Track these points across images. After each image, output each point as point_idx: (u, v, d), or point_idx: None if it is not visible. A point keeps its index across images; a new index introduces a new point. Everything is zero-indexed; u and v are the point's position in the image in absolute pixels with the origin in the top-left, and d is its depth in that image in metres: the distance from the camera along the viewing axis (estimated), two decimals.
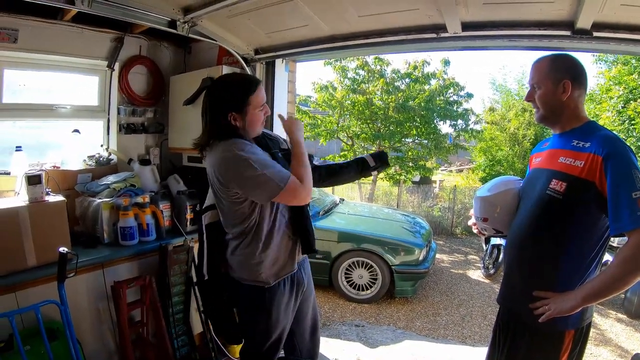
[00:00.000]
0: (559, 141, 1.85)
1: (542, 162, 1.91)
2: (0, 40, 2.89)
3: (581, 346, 1.78)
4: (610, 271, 1.58)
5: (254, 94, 2.06)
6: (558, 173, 1.74)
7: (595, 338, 4.97)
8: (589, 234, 1.69)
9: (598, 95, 10.22)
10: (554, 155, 1.82)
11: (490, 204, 2.04)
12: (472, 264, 8.12)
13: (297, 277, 2.27)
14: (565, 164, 1.73)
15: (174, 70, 3.93)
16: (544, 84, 1.80)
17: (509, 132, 13.21)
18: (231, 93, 2.07)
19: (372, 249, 5.82)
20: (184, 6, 2.73)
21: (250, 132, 2.11)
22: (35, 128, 3.45)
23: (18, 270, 2.44)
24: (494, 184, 2.09)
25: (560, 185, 1.70)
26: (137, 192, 3.16)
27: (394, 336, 4.67)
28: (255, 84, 2.10)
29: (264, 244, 2.11)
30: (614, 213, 1.55)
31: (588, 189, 1.63)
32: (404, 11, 2.41)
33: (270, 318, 2.19)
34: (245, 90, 2.06)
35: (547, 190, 1.75)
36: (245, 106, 2.05)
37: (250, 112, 2.06)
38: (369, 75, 10.67)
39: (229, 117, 2.04)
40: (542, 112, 1.85)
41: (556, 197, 1.71)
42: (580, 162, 1.67)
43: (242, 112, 2.05)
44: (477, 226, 2.16)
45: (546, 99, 1.81)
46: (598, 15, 2.03)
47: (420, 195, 12.04)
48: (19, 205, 2.49)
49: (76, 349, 2.37)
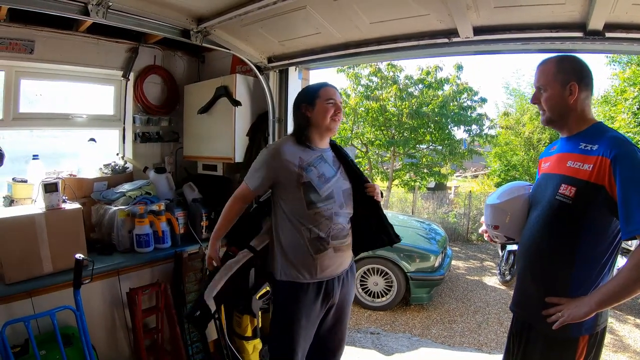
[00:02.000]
0: (567, 145, 1.82)
1: (551, 167, 1.88)
2: (17, 51, 2.96)
3: (596, 352, 1.74)
4: (623, 275, 1.55)
5: (322, 89, 2.36)
6: (567, 178, 1.72)
7: (614, 344, 4.86)
8: (600, 238, 1.66)
9: (613, 97, 10.08)
10: (562, 159, 1.80)
11: (501, 212, 2.01)
12: (488, 271, 8.02)
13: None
14: (573, 168, 1.70)
15: (188, 80, 3.98)
16: (551, 87, 1.78)
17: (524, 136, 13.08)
18: (306, 91, 2.49)
19: (387, 256, 5.77)
20: (197, 16, 2.77)
21: (320, 120, 2.34)
22: (52, 137, 3.52)
23: (34, 276, 2.48)
24: (503, 191, 2.06)
25: (570, 190, 1.68)
26: (153, 199, 3.20)
27: (410, 344, 4.63)
28: (325, 84, 2.41)
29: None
30: (625, 217, 1.52)
31: (598, 193, 1.60)
32: (415, 17, 2.41)
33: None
34: (316, 87, 2.41)
35: (556, 196, 1.73)
36: (315, 98, 2.34)
37: (319, 103, 2.33)
38: (382, 82, 10.68)
39: (302, 108, 2.36)
40: (548, 115, 1.83)
41: (566, 203, 1.69)
42: (588, 165, 1.64)
43: (313, 103, 2.34)
44: (488, 234, 2.13)
45: (553, 102, 1.79)
46: (610, 16, 2.01)
47: (435, 202, 11.94)
48: (36, 213, 2.53)
49: (91, 354, 2.40)
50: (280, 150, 2.27)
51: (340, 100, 2.38)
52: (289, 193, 2.27)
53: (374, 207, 2.48)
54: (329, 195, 2.27)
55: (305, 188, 2.23)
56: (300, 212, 2.24)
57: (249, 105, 3.47)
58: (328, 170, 2.34)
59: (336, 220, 2.29)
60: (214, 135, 3.53)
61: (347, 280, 2.45)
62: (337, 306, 2.43)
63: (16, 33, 2.94)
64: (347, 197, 2.37)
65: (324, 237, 2.24)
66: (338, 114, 2.35)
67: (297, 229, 2.25)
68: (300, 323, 2.29)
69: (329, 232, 2.26)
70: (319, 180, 2.26)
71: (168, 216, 3.15)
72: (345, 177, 2.41)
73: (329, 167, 2.36)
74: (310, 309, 2.30)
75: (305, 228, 2.23)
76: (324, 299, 2.33)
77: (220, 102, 3.43)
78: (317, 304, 2.31)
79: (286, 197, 2.28)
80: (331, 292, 2.34)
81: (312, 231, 2.23)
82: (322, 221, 2.24)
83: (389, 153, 11.47)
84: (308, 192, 2.23)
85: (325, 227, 2.25)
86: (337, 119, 2.36)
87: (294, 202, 2.25)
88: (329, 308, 2.40)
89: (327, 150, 2.43)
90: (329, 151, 2.43)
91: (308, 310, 2.29)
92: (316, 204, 2.23)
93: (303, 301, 2.27)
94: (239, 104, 3.32)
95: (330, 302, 2.38)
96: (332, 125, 2.35)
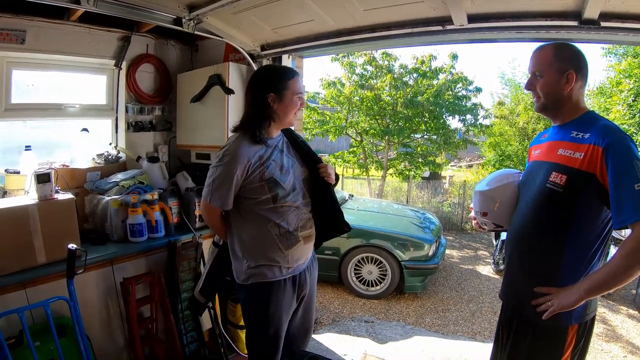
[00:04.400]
0: (558, 133, 1.82)
1: (542, 155, 1.88)
2: (8, 41, 2.92)
3: (585, 340, 1.76)
4: (613, 263, 1.56)
5: (292, 80, 2.19)
6: (558, 166, 1.72)
7: (606, 334, 4.91)
8: (591, 227, 1.67)
9: (608, 89, 10.07)
10: (553, 147, 1.80)
11: (490, 198, 2.00)
12: (482, 260, 8.06)
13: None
14: (565, 156, 1.70)
15: (181, 68, 3.94)
16: (547, 73, 1.77)
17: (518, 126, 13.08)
18: (272, 76, 2.23)
19: (381, 245, 5.81)
20: (189, 3, 2.74)
21: (283, 116, 2.21)
22: (44, 127, 3.50)
23: (28, 267, 2.47)
24: (492, 178, 2.06)
25: (561, 178, 1.68)
26: (146, 189, 3.19)
27: (404, 332, 4.65)
28: (295, 73, 2.26)
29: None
30: (616, 206, 1.53)
31: (589, 181, 1.61)
32: (408, 4, 2.40)
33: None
34: (285, 76, 2.21)
35: (547, 184, 1.73)
36: (284, 90, 2.17)
37: (287, 97, 2.17)
38: (376, 71, 10.61)
39: (268, 98, 2.15)
40: (543, 102, 1.82)
41: (557, 190, 1.69)
42: (580, 153, 1.64)
43: (281, 95, 2.16)
44: (476, 221, 2.13)
45: (549, 89, 1.78)
46: (605, 5, 2.00)
47: (429, 191, 11.99)
48: (29, 204, 2.52)
49: (85, 344, 2.40)
50: (238, 158, 2.09)
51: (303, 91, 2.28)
52: (252, 193, 2.14)
53: (326, 191, 2.36)
54: (293, 187, 2.21)
55: (270, 185, 2.13)
56: (266, 209, 2.14)
57: (242, 94, 3.44)
58: (286, 160, 2.25)
59: (302, 210, 2.24)
60: (207, 124, 3.51)
61: (312, 268, 2.42)
62: (307, 295, 2.40)
63: (7, 23, 2.90)
64: (306, 184, 2.29)
65: (292, 231, 2.18)
66: (301, 109, 2.29)
67: (263, 227, 2.16)
68: (282, 321, 2.26)
69: (297, 225, 2.20)
70: (281, 174, 2.18)
71: (161, 205, 3.14)
72: (300, 162, 2.32)
73: (285, 156, 2.26)
74: (289, 305, 2.27)
75: (272, 224, 2.15)
76: (298, 292, 2.30)
77: (213, 90, 3.40)
78: (293, 299, 2.29)
79: (248, 197, 2.16)
80: (304, 284, 2.32)
81: (281, 226, 2.16)
82: (289, 214, 2.18)
83: (383, 142, 11.43)
84: (273, 188, 2.13)
85: (293, 219, 2.19)
86: (298, 115, 2.30)
87: (259, 200, 2.14)
88: (301, 299, 2.37)
89: (279, 136, 2.31)
90: (280, 137, 2.32)
91: (287, 307, 2.26)
92: (283, 198, 2.15)
93: (281, 299, 2.21)
94: (232, 92, 3.29)
95: (303, 293, 2.35)
96: (294, 121, 2.27)
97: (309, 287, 2.37)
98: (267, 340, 2.25)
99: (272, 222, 2.15)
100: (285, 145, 2.31)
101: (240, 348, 3.38)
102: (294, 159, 2.30)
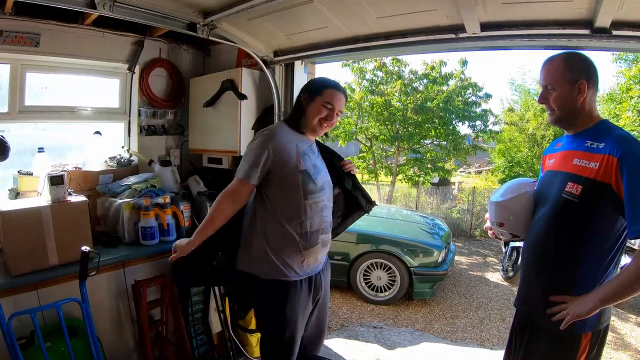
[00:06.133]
0: (573, 142, 1.81)
1: (556, 164, 1.87)
2: (23, 44, 2.97)
3: (598, 349, 1.75)
4: (628, 272, 1.55)
5: (327, 89, 2.26)
6: (573, 176, 1.71)
7: (615, 342, 4.86)
8: (606, 236, 1.66)
9: (618, 95, 9.99)
10: (567, 157, 1.79)
11: (505, 209, 1.99)
12: (491, 266, 8.02)
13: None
14: (580, 166, 1.70)
15: (194, 73, 3.97)
16: (559, 86, 1.76)
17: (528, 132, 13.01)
18: (314, 82, 2.40)
19: (390, 251, 5.79)
20: (203, 9, 2.76)
21: (309, 118, 2.26)
22: (57, 130, 3.54)
23: (40, 268, 2.49)
24: (507, 188, 2.05)
25: (576, 189, 1.68)
26: (158, 192, 3.21)
27: (412, 338, 4.64)
28: (335, 86, 2.30)
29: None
30: (632, 216, 1.52)
31: (604, 191, 1.60)
32: (422, 12, 2.40)
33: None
34: (324, 84, 2.30)
35: (563, 194, 1.73)
36: (317, 94, 2.25)
37: (317, 101, 2.24)
38: (387, 77, 10.63)
39: (302, 96, 2.30)
40: (558, 115, 1.81)
41: (572, 201, 1.69)
42: (595, 163, 1.64)
43: (312, 97, 2.25)
44: (492, 231, 2.12)
45: (562, 102, 1.77)
46: (617, 13, 1.99)
47: (439, 197, 11.94)
48: (42, 205, 2.54)
49: (96, 346, 2.41)
50: (277, 134, 2.19)
51: (340, 108, 2.28)
52: (284, 181, 2.14)
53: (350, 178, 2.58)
54: (322, 187, 2.23)
55: (304, 176, 2.15)
56: (294, 203, 2.14)
57: (254, 99, 3.47)
58: (318, 161, 2.31)
59: (326, 213, 2.27)
60: (219, 129, 3.53)
61: (326, 271, 2.42)
62: (322, 297, 2.40)
63: (22, 26, 2.94)
64: (331, 190, 2.36)
65: (314, 232, 2.19)
66: (329, 121, 2.27)
67: (287, 225, 2.14)
68: (297, 324, 2.23)
69: (319, 226, 2.21)
70: (313, 170, 2.21)
71: (173, 209, 3.16)
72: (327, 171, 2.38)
73: (318, 158, 2.33)
74: (304, 307, 2.25)
75: (297, 222, 2.14)
76: (314, 294, 2.30)
77: (226, 95, 3.43)
78: (309, 300, 2.28)
79: (278, 188, 2.15)
80: (320, 286, 2.32)
81: (304, 225, 2.15)
82: (315, 213, 2.18)
83: (393, 148, 11.44)
84: (306, 180, 2.15)
85: (317, 221, 2.20)
86: (325, 125, 2.28)
87: (289, 192, 2.14)
88: (317, 301, 2.36)
89: (312, 142, 2.36)
90: (313, 142, 2.37)
91: (303, 309, 2.25)
92: (313, 193, 2.17)
93: (298, 300, 2.20)
94: (244, 97, 3.32)
95: (318, 296, 2.34)
96: (318, 129, 2.27)
97: (324, 290, 2.37)
98: (282, 344, 2.23)
99: (297, 221, 2.15)
100: (318, 151, 2.38)
101: (249, 352, 3.38)
102: (324, 165, 2.36)
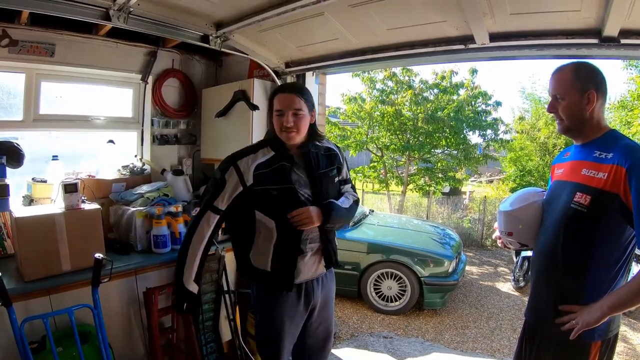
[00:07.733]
0: (581, 152, 1.82)
1: (565, 174, 1.88)
2: (38, 54, 3.04)
3: (608, 357, 1.75)
4: (636, 280, 1.56)
5: (275, 97, 2.16)
6: (582, 186, 1.72)
7: (626, 352, 4.80)
8: (614, 246, 1.66)
9: (629, 102, 9.89)
10: (576, 167, 1.80)
11: (514, 219, 2.00)
12: (502, 276, 7.97)
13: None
14: (588, 176, 1.70)
15: (206, 83, 4.03)
16: (568, 95, 1.76)
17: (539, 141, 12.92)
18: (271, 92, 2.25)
19: (401, 260, 5.78)
20: (216, 21, 2.82)
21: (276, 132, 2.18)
22: (71, 138, 3.60)
23: (53, 274, 2.52)
24: (516, 198, 2.05)
25: (585, 199, 1.68)
26: (170, 201, 3.25)
27: (422, 348, 4.61)
28: (279, 89, 2.21)
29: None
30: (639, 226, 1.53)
31: (612, 201, 1.61)
32: (431, 23, 2.44)
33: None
34: (272, 94, 2.21)
35: (571, 204, 1.73)
36: (271, 107, 2.19)
37: (272, 114, 2.17)
38: (397, 86, 10.63)
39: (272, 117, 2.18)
40: (566, 124, 1.81)
41: (581, 211, 1.69)
42: (603, 174, 1.64)
43: (270, 111, 2.19)
44: (501, 240, 2.12)
45: (571, 112, 1.77)
46: (625, 22, 2.02)
47: (450, 207, 11.89)
48: (56, 212, 2.58)
49: (107, 352, 2.43)
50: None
51: (291, 107, 2.10)
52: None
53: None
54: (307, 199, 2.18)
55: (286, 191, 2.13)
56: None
57: (266, 110, 3.49)
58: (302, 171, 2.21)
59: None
60: (231, 139, 3.56)
61: (326, 281, 2.39)
62: (320, 306, 2.38)
63: (37, 36, 3.02)
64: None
65: (303, 240, 2.18)
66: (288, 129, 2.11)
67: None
68: (284, 325, 2.25)
69: (307, 235, 2.19)
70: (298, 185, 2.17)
71: (185, 218, 3.19)
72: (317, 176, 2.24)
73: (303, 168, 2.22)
74: (293, 311, 2.26)
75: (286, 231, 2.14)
76: (306, 300, 2.29)
77: (238, 105, 3.47)
78: (299, 305, 2.27)
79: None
80: (311, 294, 2.30)
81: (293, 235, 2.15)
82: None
83: (404, 157, 11.43)
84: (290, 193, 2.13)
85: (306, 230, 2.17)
86: (289, 134, 2.13)
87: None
88: (311, 309, 2.35)
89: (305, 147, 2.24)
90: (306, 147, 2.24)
91: (291, 312, 2.25)
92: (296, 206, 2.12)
93: (284, 302, 2.22)
94: (256, 108, 3.35)
95: (312, 304, 2.32)
96: (285, 138, 2.15)
97: (320, 298, 2.36)
98: (267, 340, 2.30)
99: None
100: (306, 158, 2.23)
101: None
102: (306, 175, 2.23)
